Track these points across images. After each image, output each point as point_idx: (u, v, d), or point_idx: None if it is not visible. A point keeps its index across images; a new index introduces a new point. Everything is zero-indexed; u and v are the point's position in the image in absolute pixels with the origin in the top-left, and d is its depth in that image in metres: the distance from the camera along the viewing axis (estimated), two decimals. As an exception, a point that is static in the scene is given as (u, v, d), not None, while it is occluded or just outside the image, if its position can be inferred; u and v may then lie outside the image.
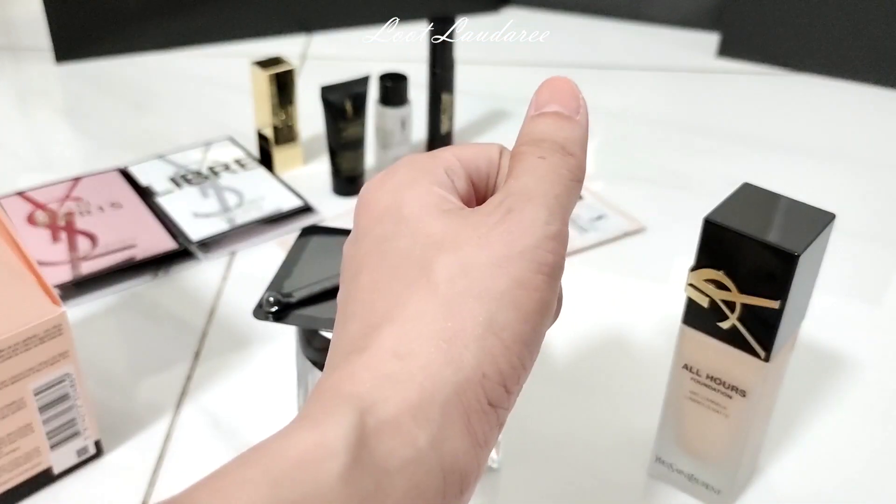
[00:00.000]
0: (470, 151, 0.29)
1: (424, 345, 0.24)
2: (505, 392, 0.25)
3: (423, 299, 0.25)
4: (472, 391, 0.24)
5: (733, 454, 0.43)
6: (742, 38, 0.98)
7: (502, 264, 0.25)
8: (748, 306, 0.38)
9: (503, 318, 0.24)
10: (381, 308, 0.25)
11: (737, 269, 0.38)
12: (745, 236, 0.37)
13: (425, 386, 0.23)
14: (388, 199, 0.27)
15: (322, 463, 0.21)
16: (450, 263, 0.25)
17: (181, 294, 0.61)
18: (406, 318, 0.25)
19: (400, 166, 0.28)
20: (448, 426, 0.24)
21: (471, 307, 0.24)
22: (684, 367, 0.42)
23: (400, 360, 0.24)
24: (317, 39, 1.03)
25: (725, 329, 0.40)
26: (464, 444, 0.24)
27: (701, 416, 0.43)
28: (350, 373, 0.24)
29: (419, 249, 0.26)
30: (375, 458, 0.22)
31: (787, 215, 0.39)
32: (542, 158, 0.27)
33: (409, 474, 0.23)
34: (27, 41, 1.01)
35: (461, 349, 0.24)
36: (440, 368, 0.24)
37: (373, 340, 0.24)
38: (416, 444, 0.23)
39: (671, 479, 0.46)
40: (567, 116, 0.28)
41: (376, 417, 0.23)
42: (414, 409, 0.23)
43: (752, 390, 0.40)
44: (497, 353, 0.24)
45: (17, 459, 0.43)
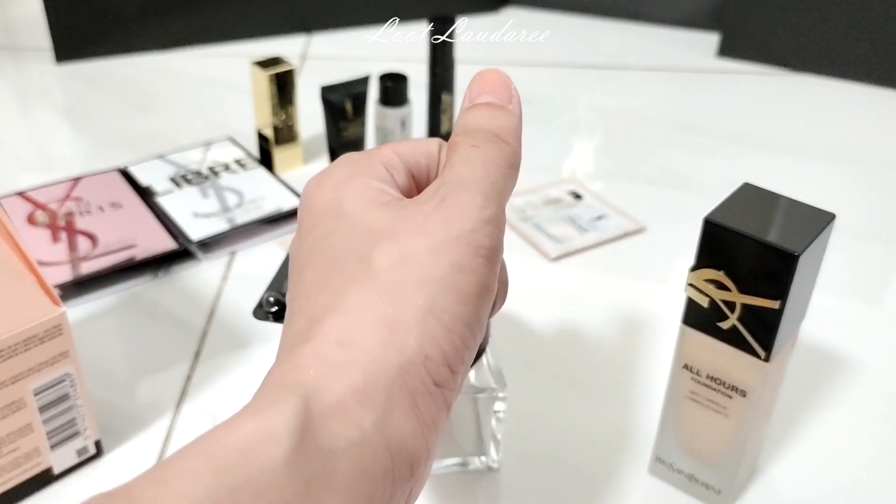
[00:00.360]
0: (408, 147, 0.30)
1: (367, 332, 0.24)
2: (450, 372, 0.25)
3: (363, 289, 0.25)
4: (415, 373, 0.24)
5: (733, 454, 0.43)
6: (742, 38, 0.98)
7: (440, 250, 0.25)
8: (748, 306, 0.38)
9: (443, 301, 0.25)
10: (323, 302, 0.26)
11: (737, 269, 0.38)
12: (745, 236, 0.37)
13: (369, 370, 0.24)
14: (328, 197, 0.28)
15: (265, 448, 0.22)
16: (389, 253, 0.25)
17: (181, 294, 0.61)
18: (348, 308, 0.25)
19: (338, 164, 0.29)
20: (393, 408, 0.24)
21: (411, 293, 0.25)
22: (684, 367, 0.42)
23: (343, 347, 0.24)
24: (317, 39, 1.03)
25: (725, 329, 0.40)
26: (410, 425, 0.24)
27: (701, 416, 0.43)
28: (294, 363, 0.24)
29: (358, 242, 0.26)
30: (320, 441, 0.22)
31: (787, 215, 0.39)
32: (476, 147, 0.28)
33: (356, 456, 0.23)
34: (27, 41, 1.01)
35: (403, 333, 0.24)
36: (383, 352, 0.24)
37: (316, 332, 0.25)
38: (362, 426, 0.23)
39: (671, 478, 0.46)
40: (499, 106, 0.29)
41: (320, 403, 0.23)
42: (358, 393, 0.23)
43: (752, 390, 0.40)
44: (439, 335, 0.25)
45: (17, 459, 0.43)
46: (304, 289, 0.27)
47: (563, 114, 0.88)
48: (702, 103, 0.91)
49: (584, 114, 0.88)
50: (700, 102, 0.91)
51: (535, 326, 0.58)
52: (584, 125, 0.86)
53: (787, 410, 0.51)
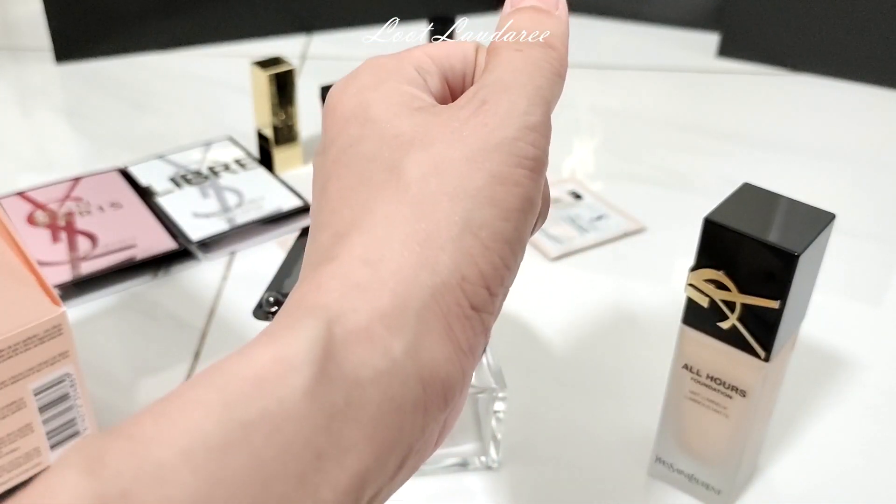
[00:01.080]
0: (442, 49, 0.27)
1: (396, 249, 0.22)
2: (488, 294, 0.23)
3: (392, 202, 0.23)
4: (450, 295, 0.22)
5: (733, 454, 0.43)
6: (742, 38, 0.98)
7: (478, 159, 0.23)
8: (748, 306, 0.38)
9: (481, 216, 0.23)
10: (349, 216, 0.23)
11: (737, 269, 0.38)
12: (745, 236, 0.37)
13: (398, 292, 0.22)
14: (353, 102, 0.25)
15: (283, 379, 0.20)
16: (420, 162, 0.23)
17: (181, 294, 0.61)
18: (375, 223, 0.23)
19: (364, 68, 0.26)
20: (426, 333, 0.22)
21: (445, 206, 0.23)
22: (684, 367, 0.42)
23: (370, 266, 0.22)
24: (317, 39, 1.03)
25: (725, 329, 0.40)
26: (445, 351, 0.22)
27: (701, 416, 0.43)
28: (316, 284, 0.22)
29: (387, 151, 0.24)
30: (345, 370, 0.20)
31: (787, 215, 0.39)
32: (520, 51, 0.25)
33: (384, 386, 0.21)
34: (27, 41, 1.01)
35: (436, 251, 0.22)
36: (414, 272, 0.22)
37: (341, 249, 0.23)
38: (391, 353, 0.21)
39: (671, 479, 0.46)
40: (546, 10, 0.27)
41: (344, 327, 0.21)
42: (386, 317, 0.21)
43: (752, 390, 0.40)
44: (476, 253, 0.23)
45: (17, 459, 0.43)
46: (328, 202, 0.24)
47: (563, 114, 0.88)
48: (702, 103, 0.91)
49: (584, 114, 0.88)
50: (700, 102, 0.91)
51: (535, 326, 0.58)
52: (584, 125, 0.86)
53: (787, 410, 0.51)
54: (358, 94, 0.25)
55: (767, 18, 0.96)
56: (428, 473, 0.47)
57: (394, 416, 0.21)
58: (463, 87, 0.27)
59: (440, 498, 0.46)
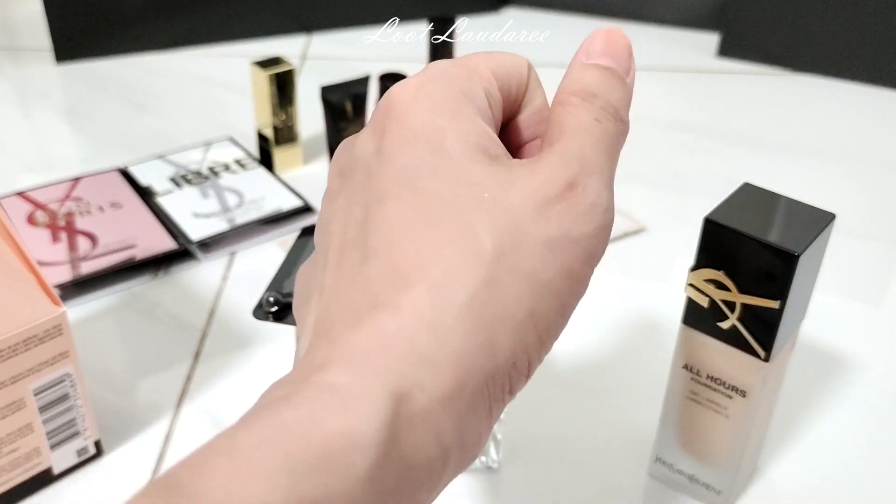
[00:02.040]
0: (503, 67, 0.26)
1: (464, 322, 0.21)
2: (525, 380, 0.23)
3: (464, 261, 0.21)
4: (499, 380, 0.22)
5: (734, 454, 0.43)
6: (742, 38, 0.98)
7: (556, 248, 0.22)
8: (748, 306, 0.38)
9: (545, 306, 0.22)
10: (413, 255, 0.22)
11: (737, 269, 0.38)
12: (746, 236, 0.37)
13: (459, 374, 0.21)
14: (425, 121, 0.23)
15: (349, 456, 0.19)
16: (501, 231, 0.22)
17: (181, 294, 0.61)
18: (445, 282, 0.21)
19: (434, 78, 0.24)
20: (471, 415, 0.22)
21: (517, 289, 0.22)
22: (684, 368, 0.42)
23: (436, 336, 0.21)
24: (317, 39, 1.03)
25: (725, 329, 0.40)
26: (482, 431, 0.22)
27: (701, 417, 0.43)
28: (382, 339, 0.21)
29: (463, 199, 0.22)
30: (403, 452, 0.20)
31: (787, 215, 0.39)
32: (599, 122, 0.24)
33: (430, 469, 0.21)
34: (27, 41, 1.01)
35: (500, 336, 0.22)
36: (477, 354, 0.21)
37: (406, 298, 0.21)
38: (443, 438, 0.21)
39: (671, 479, 0.46)
40: (620, 75, 0.25)
41: (410, 408, 0.20)
42: (446, 401, 0.21)
43: (752, 390, 0.40)
44: (531, 342, 0.22)
45: (17, 459, 0.43)
46: (385, 223, 0.22)
47: (563, 114, 0.88)
48: (702, 103, 0.91)
49: (584, 114, 0.88)
50: (700, 102, 0.91)
51: (535, 326, 0.58)
52: (584, 125, 0.86)
53: (787, 410, 0.51)
54: (431, 115, 0.23)
55: (767, 18, 0.96)
56: (428, 473, 0.47)
57: (430, 497, 0.22)
58: (512, 106, 0.26)
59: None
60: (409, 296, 0.21)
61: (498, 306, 0.21)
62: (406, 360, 0.21)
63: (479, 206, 0.22)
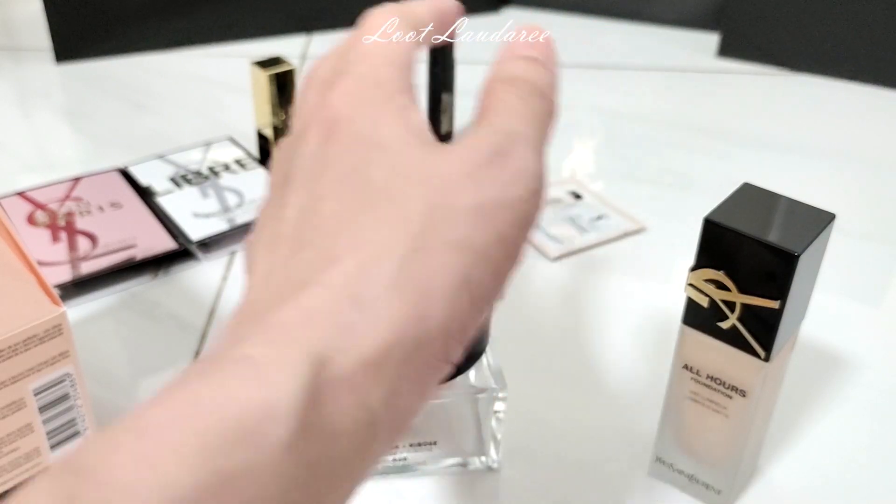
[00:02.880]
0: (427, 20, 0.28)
1: (392, 293, 0.21)
2: (460, 348, 0.23)
3: (394, 237, 0.22)
4: (431, 348, 0.22)
5: (733, 454, 0.43)
6: (742, 38, 0.98)
7: (487, 214, 0.22)
8: (748, 306, 0.38)
9: (479, 273, 0.22)
10: (344, 242, 0.22)
11: (737, 269, 0.38)
12: (745, 236, 0.37)
13: (387, 340, 0.21)
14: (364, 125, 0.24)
15: (267, 427, 0.19)
16: (431, 202, 0.22)
17: (181, 294, 0.61)
18: (373, 255, 0.22)
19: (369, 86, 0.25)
20: (401, 385, 0.21)
21: (450, 258, 0.22)
22: (685, 368, 0.42)
23: (360, 307, 0.21)
24: (317, 39, 1.03)
25: (725, 329, 0.40)
26: (415, 400, 0.22)
27: (701, 417, 0.43)
28: (305, 312, 0.21)
29: (397, 183, 0.23)
30: (324, 420, 0.20)
31: (787, 215, 0.39)
32: (522, 100, 0.26)
33: (360, 438, 0.21)
34: (27, 41, 1.01)
35: (432, 304, 0.22)
36: (405, 321, 0.21)
37: (331, 276, 0.22)
38: (370, 405, 0.21)
39: (671, 479, 0.47)
40: (543, 62, 0.27)
41: (330, 373, 0.20)
42: (371, 367, 0.21)
43: (752, 390, 0.41)
44: (465, 309, 0.22)
45: (17, 459, 0.43)
46: (320, 219, 0.23)
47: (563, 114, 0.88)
48: (702, 103, 0.91)
49: (584, 114, 0.88)
50: (700, 102, 0.91)
51: (535, 326, 0.58)
52: (584, 125, 0.86)
53: (787, 410, 0.51)
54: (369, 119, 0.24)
55: (767, 18, 0.96)
56: (428, 473, 0.47)
57: (362, 467, 0.21)
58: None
59: (440, 498, 0.46)
60: (334, 272, 0.22)
61: (428, 274, 0.22)
62: (327, 329, 0.21)
63: (410, 183, 0.23)
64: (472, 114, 0.27)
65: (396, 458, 0.46)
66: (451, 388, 0.44)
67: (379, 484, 0.46)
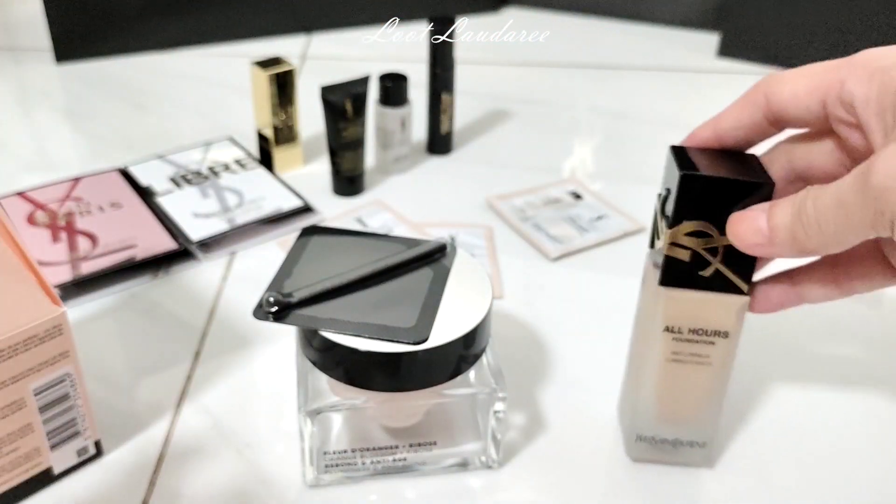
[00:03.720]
0: None
1: None
2: None
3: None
4: None
5: (716, 401, 0.45)
6: (742, 38, 0.98)
7: None
8: (729, 246, 0.39)
9: None
10: None
11: (719, 214, 0.39)
12: (725, 179, 0.38)
13: None
14: None
15: None
16: None
17: (181, 294, 0.61)
18: None
19: None
20: None
21: None
22: (666, 330, 0.43)
23: None
24: (317, 39, 1.03)
25: (707, 276, 0.41)
26: None
27: (683, 375, 0.44)
28: None
29: None
30: None
31: (731, 160, 0.40)
32: None
33: None
34: (27, 41, 1.01)
35: None
36: None
37: None
38: None
39: (655, 451, 0.47)
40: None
41: None
42: None
43: (734, 329, 0.42)
44: None
45: (17, 459, 0.43)
46: None
47: (563, 114, 0.88)
48: (702, 103, 0.91)
49: (584, 114, 0.88)
50: (700, 102, 0.91)
51: (536, 326, 0.58)
52: (584, 125, 0.86)
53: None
54: None
55: (767, 18, 0.96)
56: (428, 473, 0.47)
57: None
58: None
59: (440, 498, 0.46)
60: None
61: None
62: None
63: None
64: None
65: (396, 459, 0.46)
66: (451, 388, 0.44)
67: (379, 484, 0.46)
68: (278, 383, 0.52)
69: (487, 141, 0.82)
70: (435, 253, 0.47)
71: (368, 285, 0.44)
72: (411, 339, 0.41)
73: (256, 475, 0.47)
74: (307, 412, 0.43)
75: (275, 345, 0.56)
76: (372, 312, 0.42)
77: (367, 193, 0.73)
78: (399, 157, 0.75)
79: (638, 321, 0.46)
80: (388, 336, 0.41)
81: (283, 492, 0.46)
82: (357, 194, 0.72)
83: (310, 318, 0.42)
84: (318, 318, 0.42)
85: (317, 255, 0.47)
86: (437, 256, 0.47)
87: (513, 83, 0.93)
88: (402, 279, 0.45)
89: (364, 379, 0.42)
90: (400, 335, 0.41)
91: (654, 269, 0.43)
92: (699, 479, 0.47)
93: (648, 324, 0.44)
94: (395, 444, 0.46)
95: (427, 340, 0.41)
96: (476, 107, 0.87)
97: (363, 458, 0.46)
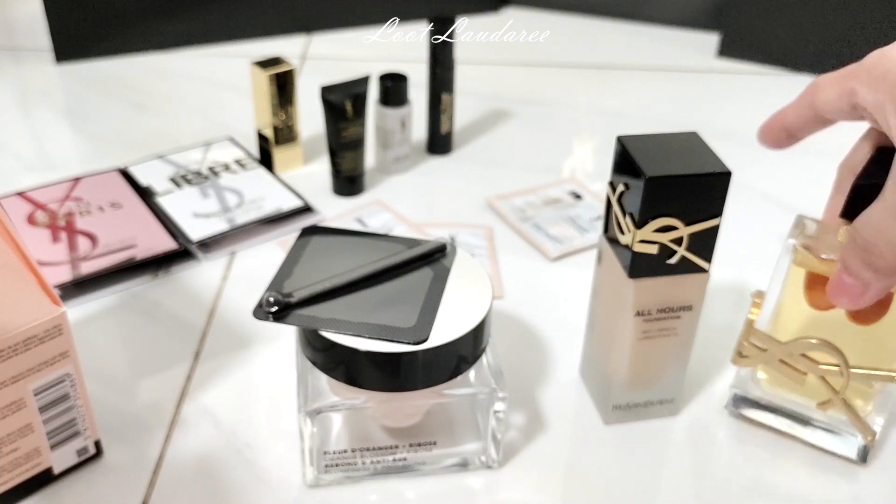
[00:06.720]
0: None
1: None
2: None
3: None
4: None
5: (682, 363, 0.48)
6: (742, 38, 0.98)
7: None
8: (694, 234, 0.42)
9: None
10: None
11: (684, 208, 0.41)
12: (687, 176, 0.40)
13: None
14: None
15: None
16: None
17: (181, 294, 0.61)
18: None
19: None
20: None
21: None
22: (637, 315, 0.45)
23: None
24: (317, 39, 1.03)
25: (673, 263, 0.43)
26: None
27: (652, 347, 0.46)
28: None
29: None
30: None
31: (680, 150, 0.42)
32: None
33: None
34: (27, 41, 1.01)
35: None
36: None
37: None
38: None
39: (629, 415, 0.50)
40: None
41: None
42: None
43: (697, 302, 0.45)
44: None
45: (17, 459, 0.43)
46: None
47: (563, 114, 0.88)
48: (702, 103, 0.91)
49: (584, 114, 0.88)
50: (700, 102, 0.91)
51: (536, 326, 0.58)
52: (584, 125, 0.86)
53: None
54: None
55: (767, 18, 0.96)
56: (428, 473, 0.47)
57: None
58: None
59: (440, 498, 0.46)
60: None
61: None
62: None
63: None
64: None
65: (396, 458, 0.46)
66: (451, 388, 0.44)
67: (379, 484, 0.46)
68: (278, 383, 0.52)
69: (487, 141, 0.82)
70: (435, 253, 0.47)
71: (368, 285, 0.44)
72: (411, 339, 0.41)
73: (256, 475, 0.47)
74: (307, 412, 0.43)
75: (275, 345, 0.56)
76: (372, 312, 0.42)
77: (367, 193, 0.73)
78: (399, 157, 0.75)
79: (602, 302, 0.48)
80: (388, 336, 0.41)
81: (283, 492, 0.46)
82: (357, 194, 0.72)
83: (310, 318, 0.42)
84: (318, 318, 0.42)
85: (317, 255, 0.47)
86: (437, 256, 0.47)
87: (513, 83, 0.93)
88: (402, 279, 0.45)
89: (364, 379, 0.42)
90: (400, 335, 0.41)
91: (616, 257, 0.45)
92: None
93: (618, 310, 0.46)
94: (395, 444, 0.46)
95: (427, 340, 0.41)
96: (476, 107, 0.87)
97: (363, 458, 0.46)
